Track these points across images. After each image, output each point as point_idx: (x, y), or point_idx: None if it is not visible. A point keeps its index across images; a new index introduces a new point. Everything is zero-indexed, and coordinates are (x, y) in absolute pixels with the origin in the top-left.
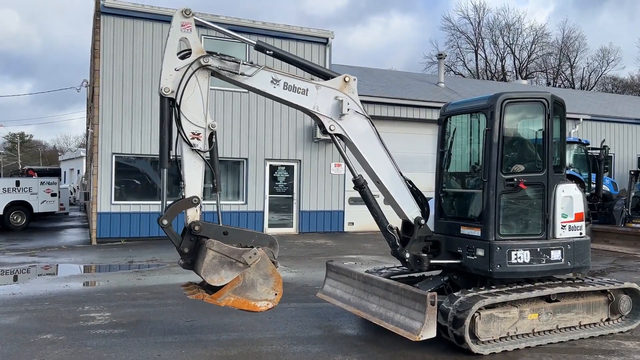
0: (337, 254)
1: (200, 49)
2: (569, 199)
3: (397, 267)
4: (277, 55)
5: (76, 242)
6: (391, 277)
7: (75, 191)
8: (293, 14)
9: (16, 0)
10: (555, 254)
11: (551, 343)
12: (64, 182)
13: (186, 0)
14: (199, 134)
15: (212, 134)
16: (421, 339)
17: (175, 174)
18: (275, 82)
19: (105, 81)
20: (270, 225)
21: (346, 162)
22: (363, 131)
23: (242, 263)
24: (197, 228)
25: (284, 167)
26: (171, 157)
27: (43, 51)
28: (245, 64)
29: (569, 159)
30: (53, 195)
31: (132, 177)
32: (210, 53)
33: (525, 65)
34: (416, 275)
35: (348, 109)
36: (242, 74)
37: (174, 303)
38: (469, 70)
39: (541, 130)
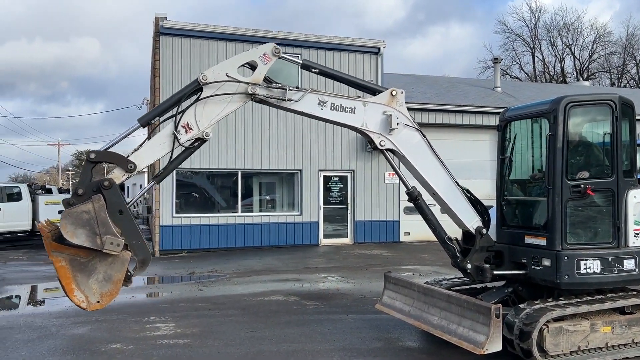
0: (393, 264)
1: (258, 80)
2: None
3: (458, 279)
4: (323, 73)
5: None
6: (452, 288)
7: (137, 205)
8: (352, 29)
9: (93, 27)
10: (629, 264)
11: (627, 358)
12: (127, 197)
13: (248, 18)
14: (191, 129)
15: (199, 140)
16: (486, 352)
17: (230, 186)
18: (322, 103)
19: (165, 99)
20: (325, 236)
21: (398, 175)
22: (414, 144)
23: (100, 242)
24: (106, 184)
25: (338, 178)
26: (152, 122)
27: (115, 73)
28: (291, 89)
29: None
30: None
31: (191, 190)
32: (266, 80)
33: (586, 65)
34: (478, 286)
35: (397, 123)
36: (289, 100)
37: (235, 314)
38: (525, 73)
39: (608, 133)
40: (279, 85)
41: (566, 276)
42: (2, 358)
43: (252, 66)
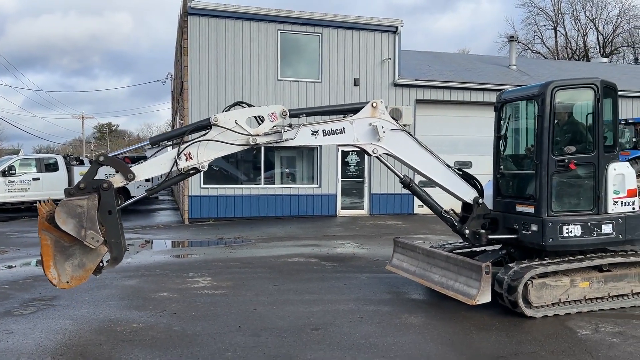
0: (406, 233)
1: (260, 133)
2: (621, 177)
3: (459, 243)
4: (310, 114)
5: (170, 222)
6: (454, 251)
7: (161, 177)
8: (380, 6)
9: (125, 2)
10: (607, 228)
11: (602, 309)
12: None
13: None
14: (191, 158)
15: (195, 169)
16: (477, 303)
17: (252, 160)
18: (315, 133)
19: (194, 77)
20: (342, 208)
21: (390, 169)
22: (403, 143)
23: (84, 234)
24: (105, 186)
25: (355, 153)
26: (161, 144)
27: (144, 48)
28: (286, 130)
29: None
30: (147, 180)
31: (217, 164)
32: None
33: (609, 40)
34: (478, 249)
35: (384, 131)
36: (286, 140)
37: (263, 271)
38: (547, 48)
39: (591, 113)
40: (275, 129)
41: (550, 239)
42: (70, 301)
43: (260, 119)
